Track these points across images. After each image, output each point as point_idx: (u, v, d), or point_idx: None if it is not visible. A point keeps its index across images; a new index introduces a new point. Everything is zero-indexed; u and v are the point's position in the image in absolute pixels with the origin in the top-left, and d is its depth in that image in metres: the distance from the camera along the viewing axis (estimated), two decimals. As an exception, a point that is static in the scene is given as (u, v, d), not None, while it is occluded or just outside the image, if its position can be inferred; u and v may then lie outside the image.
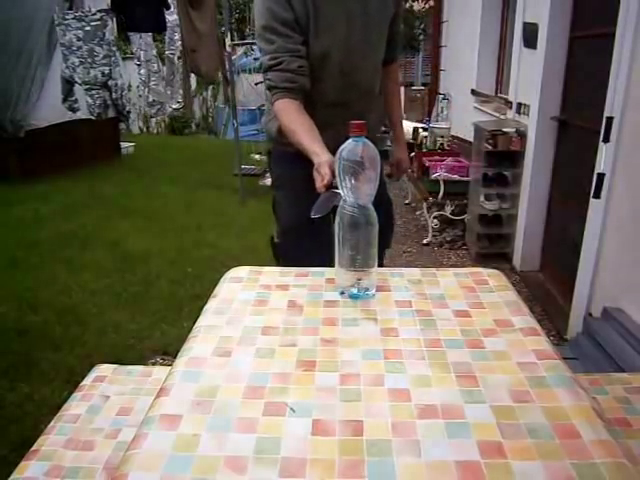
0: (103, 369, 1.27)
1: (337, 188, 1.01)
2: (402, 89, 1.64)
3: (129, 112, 5.87)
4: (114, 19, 4.99)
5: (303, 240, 1.53)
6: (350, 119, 0.94)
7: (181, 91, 5.44)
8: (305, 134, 1.29)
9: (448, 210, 4.03)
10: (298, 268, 1.14)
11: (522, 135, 3.30)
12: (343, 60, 1.43)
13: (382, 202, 1.69)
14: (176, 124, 9.99)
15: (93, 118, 5.14)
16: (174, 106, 5.55)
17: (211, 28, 5.15)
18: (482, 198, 3.53)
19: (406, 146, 1.89)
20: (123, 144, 6.99)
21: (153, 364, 2.29)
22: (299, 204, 1.45)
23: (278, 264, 1.62)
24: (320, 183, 1.11)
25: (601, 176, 2.22)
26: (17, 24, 5.07)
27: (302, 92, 1.37)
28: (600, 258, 2.35)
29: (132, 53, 5.58)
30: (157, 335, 2.55)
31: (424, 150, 4.64)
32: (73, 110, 5.21)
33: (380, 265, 1.65)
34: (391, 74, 1.72)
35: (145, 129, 10.31)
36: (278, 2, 1.33)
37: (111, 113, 5.32)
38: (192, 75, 5.59)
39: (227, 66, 5.17)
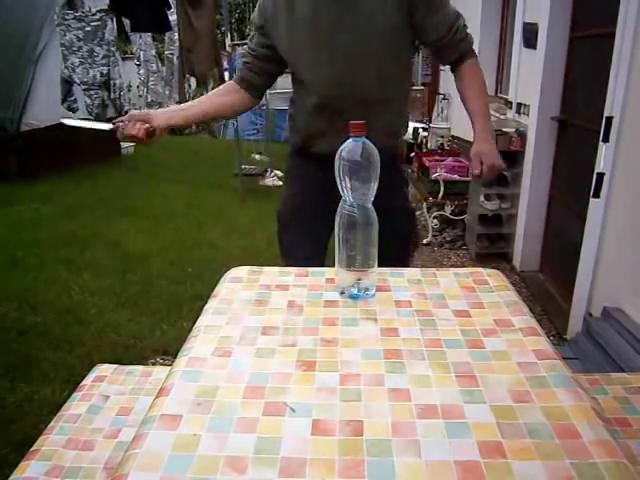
0: (103, 369, 1.27)
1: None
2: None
3: (127, 112, 5.86)
4: (114, 19, 5.00)
5: (297, 221, 1.62)
6: (345, 127, 0.94)
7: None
8: (197, 103, 1.54)
9: (448, 210, 4.03)
10: (298, 268, 1.14)
11: (522, 135, 3.31)
12: (329, 77, 1.42)
13: (404, 212, 1.64)
14: (176, 124, 9.97)
15: (91, 118, 5.14)
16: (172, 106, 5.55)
17: (208, 27, 5.14)
18: (482, 198, 3.54)
19: (490, 139, 1.57)
20: (123, 144, 6.97)
21: (153, 364, 2.29)
22: (298, 198, 1.62)
23: (280, 239, 1.68)
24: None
25: (601, 176, 2.22)
26: (17, 24, 5.07)
27: (245, 83, 1.55)
28: (600, 258, 2.35)
29: (132, 53, 5.59)
30: (157, 335, 2.55)
31: (424, 150, 4.64)
32: (72, 110, 5.22)
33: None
34: (463, 75, 1.52)
35: (145, 129, 10.28)
36: (258, 8, 1.49)
37: (109, 113, 5.32)
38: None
39: (225, 66, 5.18)
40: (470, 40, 1.50)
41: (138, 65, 5.52)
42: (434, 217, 4.03)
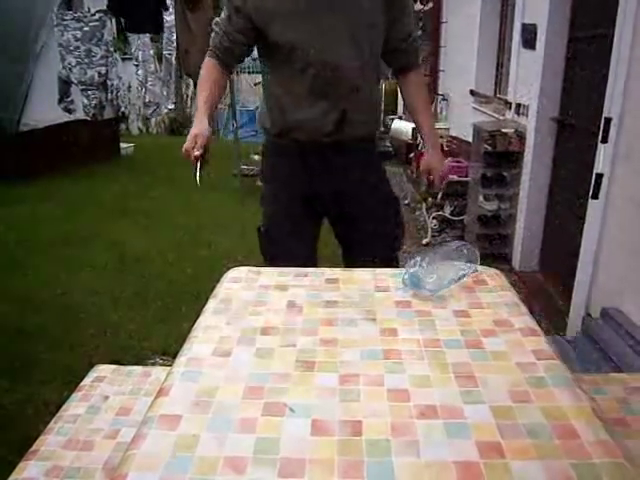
0: (103, 369, 1.27)
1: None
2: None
3: (124, 113, 5.84)
4: (113, 20, 4.99)
5: (284, 232, 1.63)
6: (330, 113, 1.21)
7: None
8: (205, 96, 1.49)
9: (447, 211, 4.03)
10: (297, 268, 1.14)
11: (521, 136, 3.31)
12: (313, 57, 1.45)
13: (388, 197, 1.70)
14: (176, 125, 9.98)
15: (88, 119, 5.14)
16: (170, 107, 5.54)
17: (204, 29, 5.12)
18: (481, 198, 3.54)
19: (439, 151, 1.68)
20: (123, 145, 6.97)
21: (153, 364, 2.28)
22: (280, 198, 1.64)
23: (262, 253, 1.68)
24: (193, 153, 1.39)
25: (599, 176, 2.22)
26: (16, 24, 5.07)
27: (228, 68, 1.56)
28: (599, 258, 2.35)
29: (131, 53, 5.58)
30: (157, 335, 2.55)
31: (423, 150, 4.64)
32: (69, 111, 5.20)
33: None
34: (410, 82, 1.65)
35: (145, 130, 10.30)
36: None
37: (107, 114, 5.31)
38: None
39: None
40: (420, 53, 1.69)
41: (137, 66, 5.51)
42: (433, 217, 4.04)
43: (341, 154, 1.56)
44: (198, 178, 1.44)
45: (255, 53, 1.62)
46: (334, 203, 1.63)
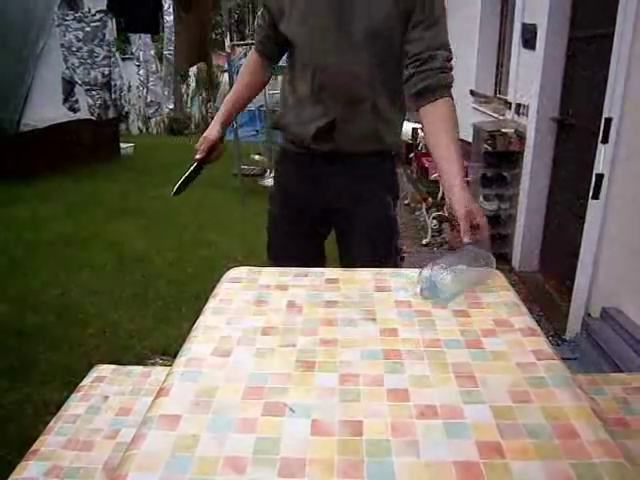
0: (102, 369, 1.27)
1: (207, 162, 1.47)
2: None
3: (127, 113, 5.84)
4: (113, 20, 5.00)
5: (280, 233, 1.68)
6: (318, 120, 1.27)
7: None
8: (230, 95, 1.59)
9: (447, 211, 4.03)
10: (297, 268, 1.14)
11: (521, 136, 3.31)
12: (311, 58, 1.41)
13: (382, 220, 1.53)
14: (175, 125, 9.99)
15: (93, 119, 5.15)
16: (170, 106, 5.55)
17: (195, 28, 5.10)
18: (481, 199, 3.54)
19: (465, 193, 1.17)
20: (122, 145, 6.98)
21: (153, 364, 2.28)
22: (276, 198, 1.68)
23: (268, 247, 1.72)
24: (195, 155, 1.48)
25: (600, 177, 2.23)
26: (16, 24, 5.07)
27: (266, 56, 1.57)
28: (599, 259, 2.35)
29: (132, 54, 5.58)
30: (157, 335, 2.55)
31: (423, 151, 4.65)
32: (74, 110, 5.22)
33: None
34: (431, 116, 1.29)
35: (145, 130, 10.31)
36: None
37: (111, 113, 5.33)
38: (191, 75, 5.59)
39: (225, 67, 5.17)
40: (448, 78, 1.30)
41: (138, 66, 5.52)
42: (433, 218, 4.04)
43: (330, 164, 1.48)
44: (176, 187, 1.44)
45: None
46: (322, 213, 1.58)
